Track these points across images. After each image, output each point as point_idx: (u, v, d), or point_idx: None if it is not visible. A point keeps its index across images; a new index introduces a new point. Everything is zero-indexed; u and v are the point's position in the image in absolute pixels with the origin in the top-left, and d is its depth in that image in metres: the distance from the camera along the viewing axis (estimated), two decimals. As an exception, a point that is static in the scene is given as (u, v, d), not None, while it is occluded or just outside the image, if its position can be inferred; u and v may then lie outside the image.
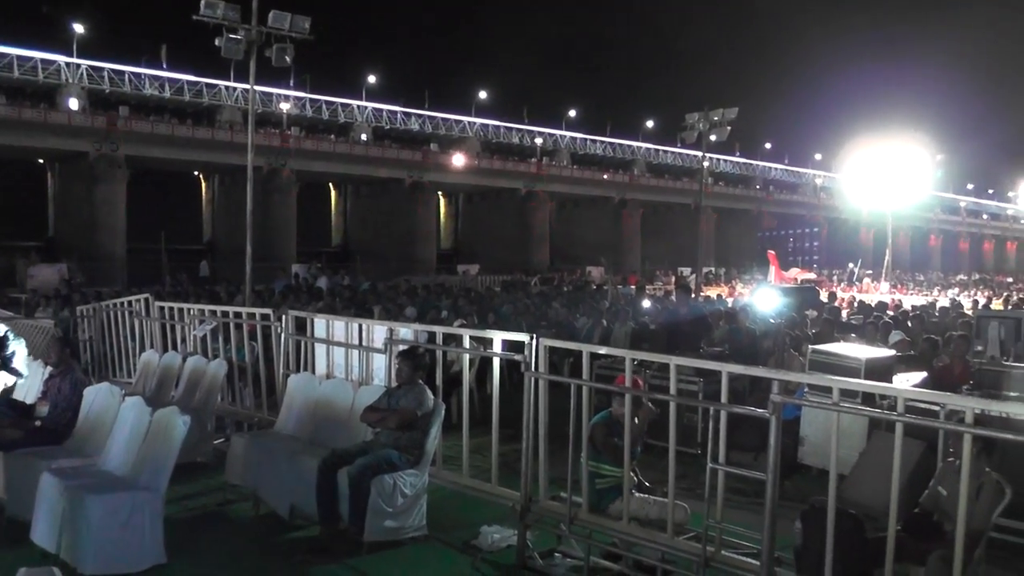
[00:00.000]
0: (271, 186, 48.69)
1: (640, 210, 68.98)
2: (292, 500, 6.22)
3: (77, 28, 46.61)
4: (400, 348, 6.56)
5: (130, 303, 10.89)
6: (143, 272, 34.63)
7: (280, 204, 49.79)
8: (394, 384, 6.39)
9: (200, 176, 56.81)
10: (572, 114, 68.75)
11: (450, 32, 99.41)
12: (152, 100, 50.13)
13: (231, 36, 16.32)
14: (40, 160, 49.20)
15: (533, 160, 64.02)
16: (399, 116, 59.70)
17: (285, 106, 52.80)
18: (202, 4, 16.12)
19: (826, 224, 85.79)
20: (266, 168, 47.20)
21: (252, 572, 5.63)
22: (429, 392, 6.15)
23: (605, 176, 67.91)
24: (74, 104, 45.76)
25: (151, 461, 5.60)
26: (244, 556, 5.82)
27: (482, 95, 63.43)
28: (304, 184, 53.37)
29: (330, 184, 63.01)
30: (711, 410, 4.97)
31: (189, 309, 9.98)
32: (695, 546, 4.70)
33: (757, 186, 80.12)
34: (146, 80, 49.36)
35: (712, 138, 26.34)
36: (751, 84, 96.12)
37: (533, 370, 5.53)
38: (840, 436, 4.44)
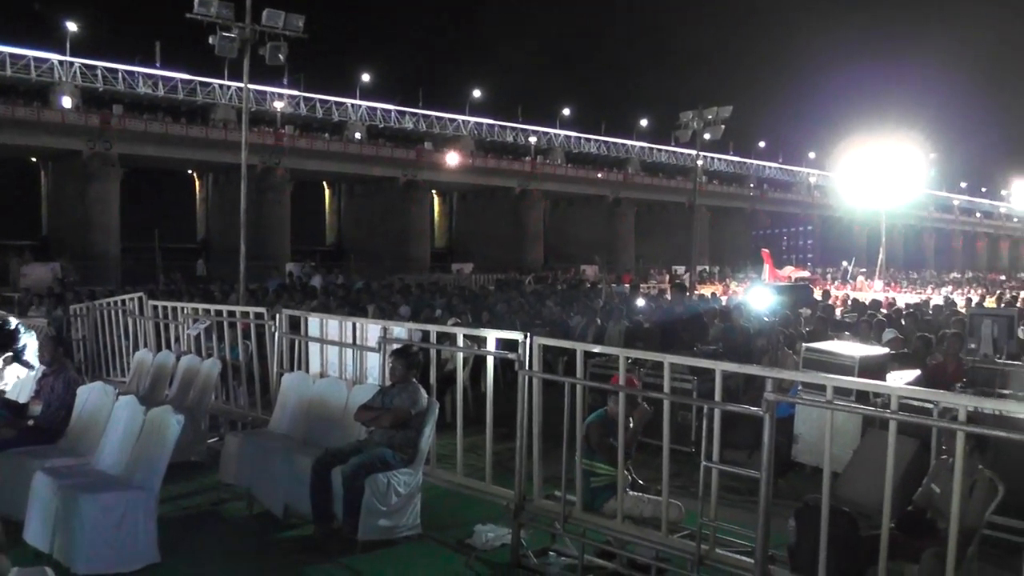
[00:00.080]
0: (265, 185, 48.65)
1: (634, 209, 69.13)
2: (286, 499, 6.21)
3: (70, 26, 46.55)
4: (394, 347, 6.56)
5: (124, 302, 10.86)
6: (137, 271, 34.60)
7: (274, 203, 49.79)
8: (388, 383, 6.39)
9: (194, 175, 56.74)
10: (566, 113, 68.94)
11: (444, 31, 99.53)
12: (146, 98, 50.01)
13: (225, 34, 16.27)
14: (33, 158, 49.11)
15: (527, 159, 64.09)
16: (393, 115, 59.63)
17: (279, 104, 52.68)
18: (196, 2, 16.06)
19: (820, 222, 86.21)
20: (260, 167, 47.16)
21: (246, 571, 5.62)
22: (423, 391, 6.15)
23: (599, 175, 68.03)
24: (67, 102, 45.64)
25: (145, 460, 5.59)
26: (238, 555, 5.82)
27: (476, 94, 63.51)
28: (298, 183, 53.34)
29: (324, 183, 62.96)
30: (705, 408, 4.97)
31: (183, 308, 9.96)
32: (689, 544, 4.71)
33: (751, 185, 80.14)
34: (140, 78, 49.22)
35: (706, 137, 26.35)
36: (745, 82, 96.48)
37: (527, 369, 5.52)
38: (834, 434, 4.44)
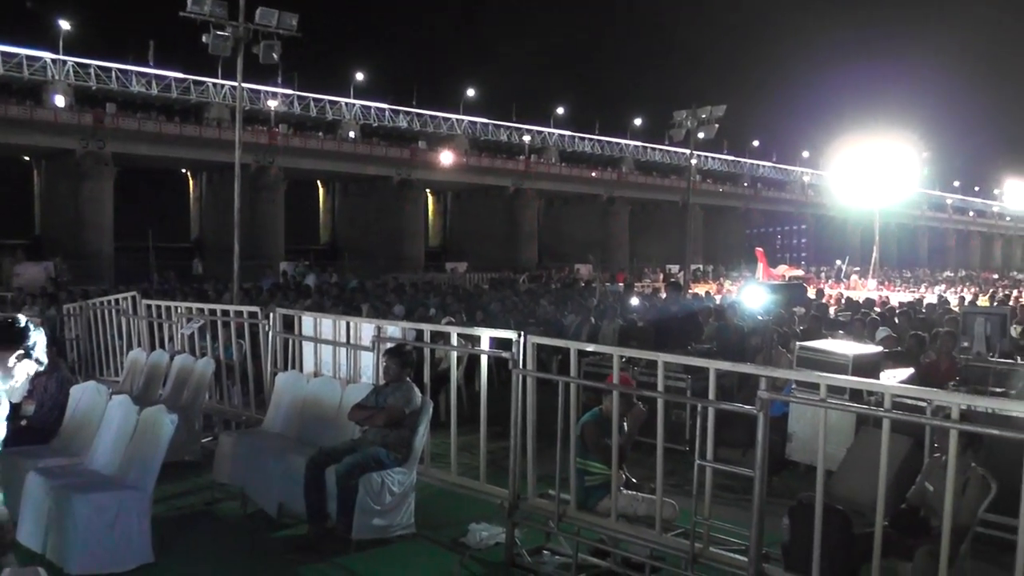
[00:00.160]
0: (259, 184, 48.56)
1: (628, 208, 69.18)
2: (280, 498, 6.20)
3: (63, 24, 46.34)
4: (388, 346, 6.55)
5: (117, 301, 10.82)
6: (130, 270, 34.52)
7: (268, 202, 49.69)
8: (382, 382, 6.37)
9: (188, 174, 56.62)
10: (560, 112, 68.94)
11: (438, 30, 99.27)
12: (139, 97, 49.85)
13: (218, 33, 16.27)
14: (26, 157, 48.91)
15: (521, 158, 64.05)
16: (387, 114, 59.54)
17: (273, 103, 52.59)
18: (189, 1, 16.06)
19: (814, 221, 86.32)
20: (254, 166, 47.09)
21: (240, 571, 5.60)
22: (417, 390, 6.14)
23: (593, 174, 68.02)
24: (60, 101, 45.47)
25: (138, 460, 5.57)
26: (232, 555, 5.80)
27: (470, 93, 63.46)
28: (292, 182, 53.22)
29: (318, 182, 62.86)
30: (699, 407, 4.97)
31: (177, 307, 9.93)
32: (683, 542, 4.71)
33: (745, 183, 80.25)
34: (133, 77, 49.04)
35: (700, 136, 26.46)
36: (739, 82, 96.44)
37: (521, 368, 5.52)
38: (828, 432, 4.45)
